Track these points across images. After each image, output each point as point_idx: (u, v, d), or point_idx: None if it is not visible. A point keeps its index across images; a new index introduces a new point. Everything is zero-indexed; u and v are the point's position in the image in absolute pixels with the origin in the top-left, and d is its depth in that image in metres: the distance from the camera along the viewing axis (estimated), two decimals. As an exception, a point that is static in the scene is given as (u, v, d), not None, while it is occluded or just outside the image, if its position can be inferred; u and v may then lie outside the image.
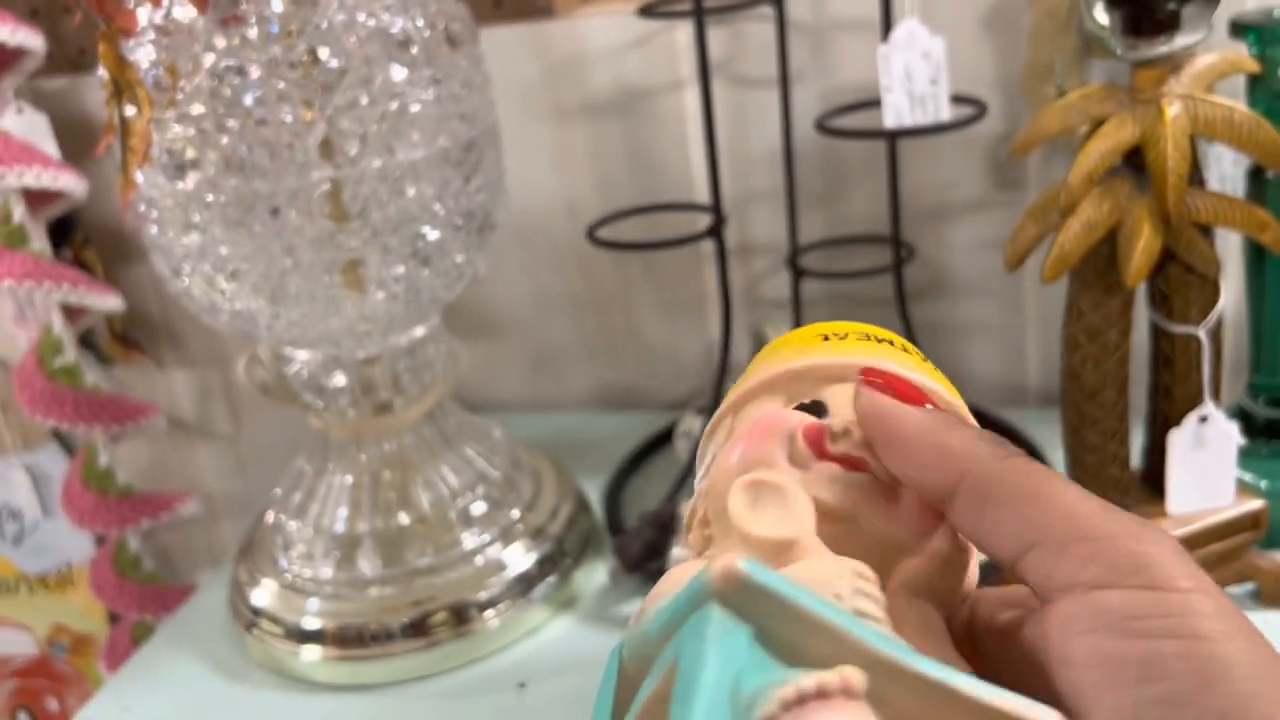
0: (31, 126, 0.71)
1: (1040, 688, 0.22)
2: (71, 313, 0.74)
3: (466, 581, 0.54)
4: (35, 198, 0.71)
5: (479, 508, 0.57)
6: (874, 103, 0.56)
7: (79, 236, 0.77)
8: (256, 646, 0.55)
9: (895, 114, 0.54)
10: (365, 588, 0.54)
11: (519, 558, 0.56)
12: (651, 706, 0.20)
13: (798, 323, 0.67)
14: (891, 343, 0.26)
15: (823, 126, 0.58)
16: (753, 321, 0.72)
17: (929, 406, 0.24)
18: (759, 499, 0.23)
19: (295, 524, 0.57)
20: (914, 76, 0.54)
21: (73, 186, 0.70)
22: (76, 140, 0.74)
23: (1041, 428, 0.62)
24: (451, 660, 0.53)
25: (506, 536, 0.56)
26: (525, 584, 0.55)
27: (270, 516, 0.59)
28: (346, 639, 0.53)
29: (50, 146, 0.72)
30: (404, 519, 0.56)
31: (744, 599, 0.20)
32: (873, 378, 0.24)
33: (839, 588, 0.21)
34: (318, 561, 0.56)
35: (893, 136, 0.56)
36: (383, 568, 0.55)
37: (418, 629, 0.53)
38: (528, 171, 0.69)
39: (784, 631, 0.20)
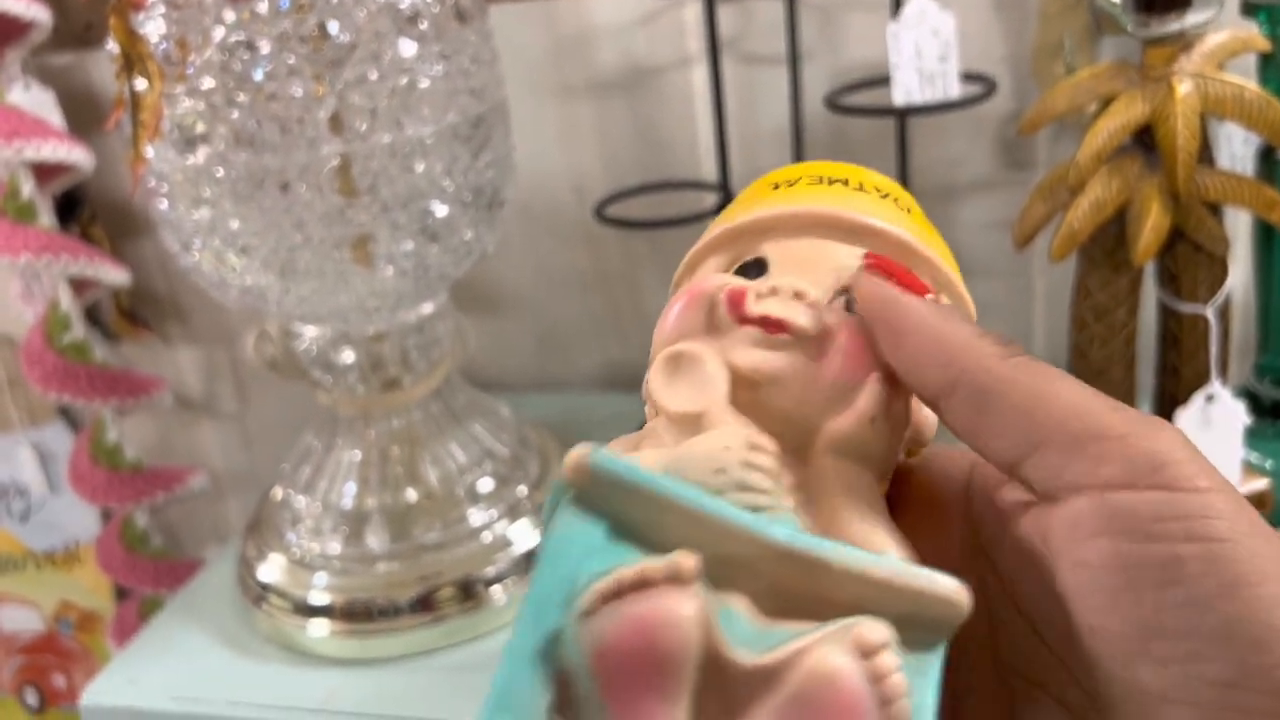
0: (38, 102, 0.71)
1: (1036, 578, 0.21)
2: (77, 288, 0.74)
3: (473, 557, 0.55)
4: (41, 172, 0.71)
5: (486, 484, 0.57)
6: (883, 80, 0.56)
7: (86, 213, 0.77)
8: (264, 621, 0.56)
9: (905, 91, 0.54)
10: (373, 563, 0.55)
11: (525, 534, 0.56)
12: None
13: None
14: (845, 182, 0.25)
15: (832, 104, 0.58)
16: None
17: (931, 298, 0.23)
18: (677, 371, 0.23)
19: (303, 499, 0.57)
20: (924, 54, 0.53)
21: (81, 160, 0.70)
22: (83, 116, 0.74)
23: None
24: (458, 635, 0.54)
25: (513, 513, 0.57)
26: (532, 561, 0.56)
27: (278, 492, 0.60)
28: (354, 614, 0.54)
29: (57, 122, 0.72)
30: (412, 495, 0.56)
31: (596, 489, 0.20)
32: (875, 262, 0.23)
33: (725, 460, 0.21)
34: (325, 537, 0.56)
35: (902, 114, 0.56)
36: (390, 543, 0.55)
37: (425, 604, 0.53)
38: (535, 149, 0.69)
39: (642, 517, 0.20)
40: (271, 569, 0.56)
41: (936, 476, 0.25)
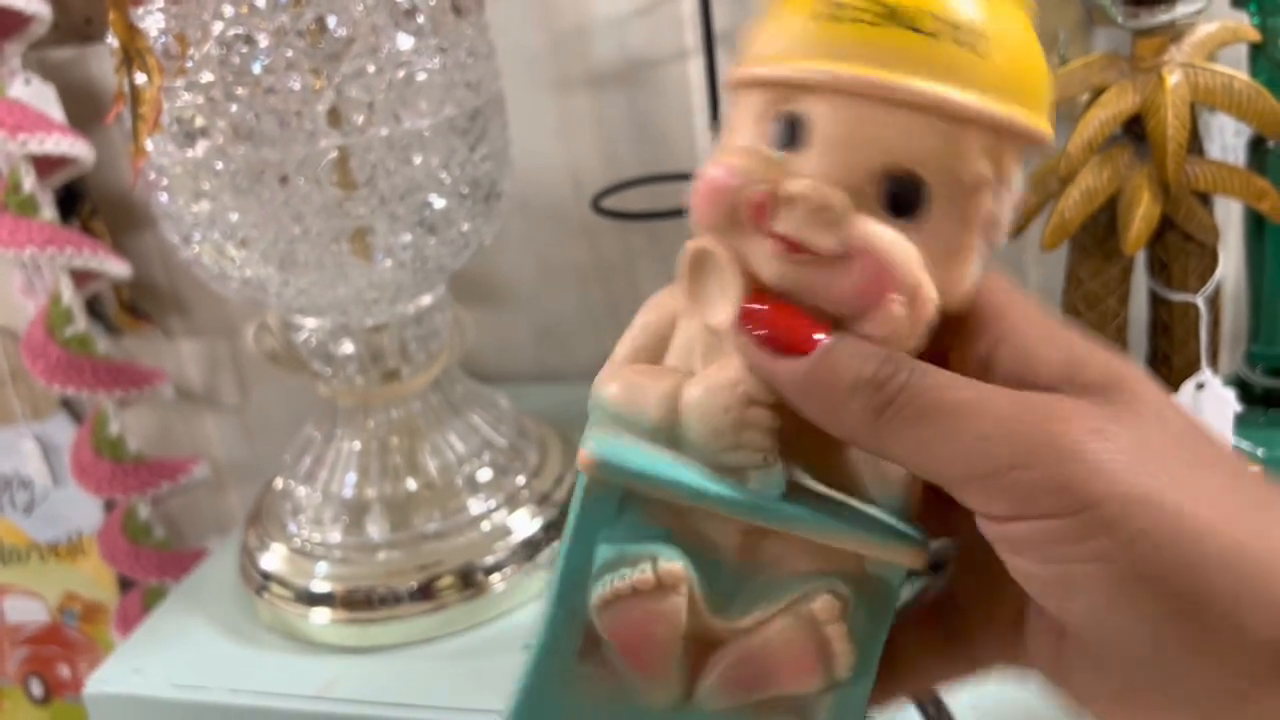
0: (39, 96, 0.71)
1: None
2: (77, 281, 0.75)
3: (473, 546, 0.55)
4: (42, 166, 0.72)
5: (485, 474, 0.58)
6: (877, 72, 0.57)
7: (86, 207, 0.78)
8: (266, 609, 0.56)
9: (898, 83, 0.54)
10: (373, 552, 0.55)
11: (525, 523, 0.57)
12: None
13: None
14: (910, 21, 0.21)
15: (826, 96, 0.59)
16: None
17: (819, 337, 0.22)
18: (703, 271, 0.24)
19: (304, 490, 0.58)
20: (917, 46, 0.54)
21: (83, 154, 0.71)
22: (83, 110, 0.74)
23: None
24: (458, 623, 0.54)
25: (512, 502, 0.57)
26: (531, 549, 0.56)
27: (279, 482, 0.60)
28: (355, 602, 0.54)
29: (57, 116, 0.72)
30: (411, 485, 0.56)
31: (606, 477, 0.23)
32: (746, 325, 0.23)
33: (721, 422, 0.23)
34: (326, 526, 0.56)
35: (895, 106, 0.57)
36: (390, 532, 0.55)
37: (425, 592, 0.54)
38: (532, 141, 0.69)
39: (646, 491, 0.23)
40: (273, 558, 0.57)
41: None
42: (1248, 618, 0.20)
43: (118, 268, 0.74)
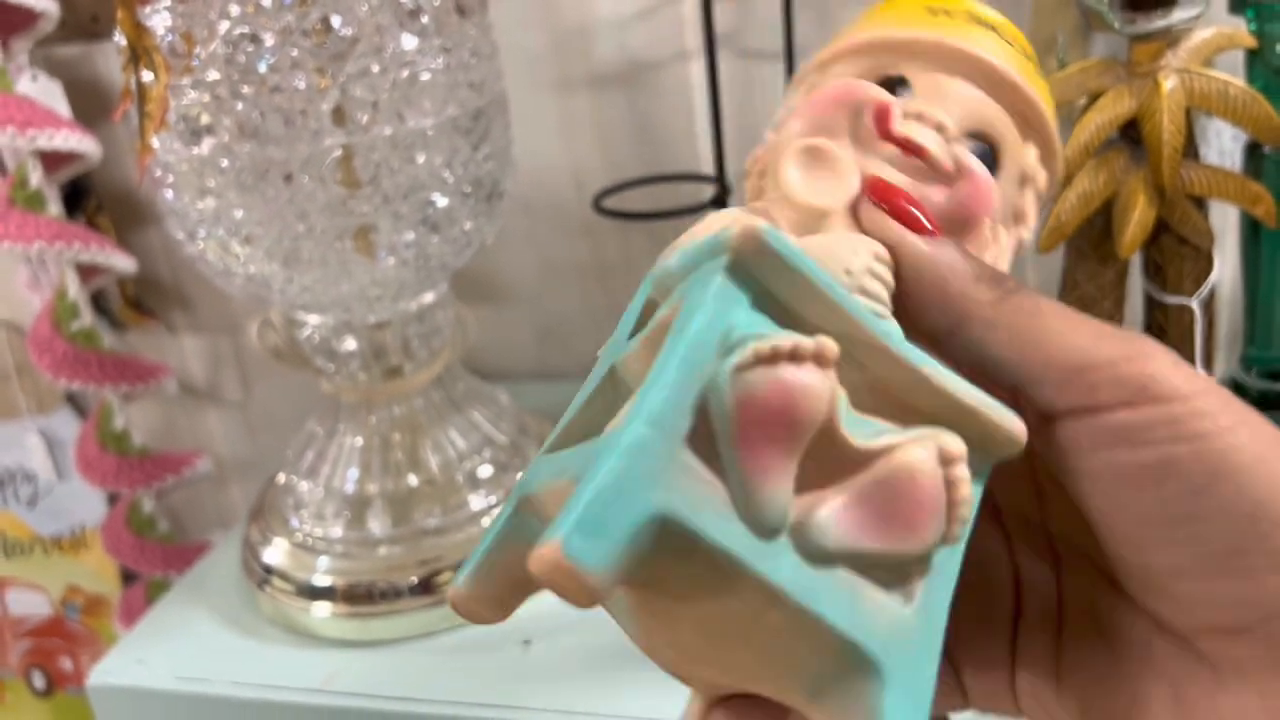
0: (45, 93, 0.72)
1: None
2: (82, 276, 0.75)
3: (473, 542, 0.55)
4: (48, 161, 0.72)
5: (486, 471, 0.58)
6: (877, 75, 0.57)
7: (92, 203, 0.78)
8: (268, 603, 0.57)
9: (897, 86, 0.55)
10: (374, 547, 0.56)
11: (524, 519, 0.57)
12: (657, 332, 0.22)
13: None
14: (995, 29, 0.26)
15: (826, 98, 0.59)
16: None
17: (929, 230, 0.23)
18: (811, 164, 0.24)
19: (306, 485, 0.58)
20: (916, 49, 0.54)
21: (90, 150, 0.71)
22: (89, 107, 0.75)
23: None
24: (457, 618, 0.54)
25: (512, 499, 0.58)
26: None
27: (282, 477, 0.61)
28: (356, 596, 0.55)
29: (64, 113, 0.73)
30: (413, 480, 0.57)
31: (756, 258, 0.21)
32: (880, 196, 0.23)
33: (852, 263, 0.22)
34: (328, 521, 0.57)
35: (895, 109, 0.57)
36: (392, 527, 0.56)
37: (425, 587, 0.55)
38: (534, 141, 0.70)
39: (786, 295, 0.21)
40: (275, 552, 0.57)
41: None
42: None
43: (123, 263, 0.74)
